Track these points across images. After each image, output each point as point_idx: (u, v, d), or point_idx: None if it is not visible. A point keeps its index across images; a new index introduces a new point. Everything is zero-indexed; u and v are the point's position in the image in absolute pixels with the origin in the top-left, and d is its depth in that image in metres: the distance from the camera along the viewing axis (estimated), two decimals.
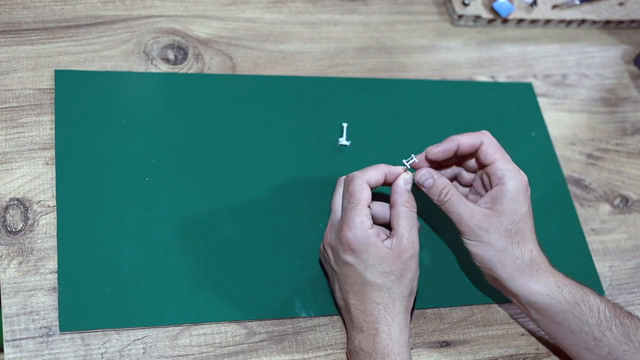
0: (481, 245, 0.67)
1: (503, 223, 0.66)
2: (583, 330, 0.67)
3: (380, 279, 0.65)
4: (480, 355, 0.74)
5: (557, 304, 0.66)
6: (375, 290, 0.66)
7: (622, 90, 0.98)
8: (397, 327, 0.65)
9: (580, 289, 0.67)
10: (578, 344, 0.68)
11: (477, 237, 0.67)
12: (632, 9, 1.02)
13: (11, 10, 0.80)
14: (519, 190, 0.67)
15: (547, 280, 0.67)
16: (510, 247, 0.66)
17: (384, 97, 0.86)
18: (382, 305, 0.65)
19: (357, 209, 0.66)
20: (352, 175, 0.68)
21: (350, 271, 0.66)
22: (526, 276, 0.67)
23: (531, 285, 0.67)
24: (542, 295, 0.67)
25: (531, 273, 0.67)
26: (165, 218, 0.72)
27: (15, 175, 0.70)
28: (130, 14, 0.83)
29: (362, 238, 0.65)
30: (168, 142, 0.76)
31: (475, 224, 0.66)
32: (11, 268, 0.66)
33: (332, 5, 0.92)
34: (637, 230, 0.86)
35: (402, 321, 0.66)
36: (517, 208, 0.66)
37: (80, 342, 0.65)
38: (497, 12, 0.95)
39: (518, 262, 0.67)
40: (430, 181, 0.68)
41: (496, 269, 0.67)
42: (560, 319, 0.67)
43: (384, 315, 0.65)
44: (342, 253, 0.66)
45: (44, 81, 0.76)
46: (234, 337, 0.69)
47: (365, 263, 0.65)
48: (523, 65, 0.95)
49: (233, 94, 0.81)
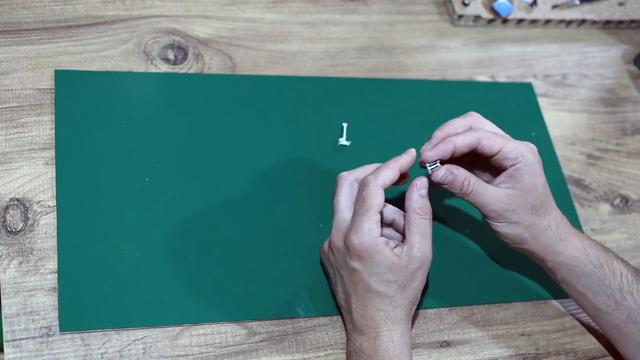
0: (510, 225, 0.68)
1: (528, 200, 0.67)
2: (605, 293, 0.69)
3: (383, 287, 0.65)
4: (480, 355, 0.74)
5: (583, 266, 0.68)
6: (377, 297, 0.65)
7: (622, 90, 0.98)
8: (398, 332, 0.66)
9: (605, 252, 0.69)
10: (599, 307, 0.70)
11: (506, 219, 0.67)
12: (632, 9, 1.02)
13: (11, 10, 0.80)
14: (534, 163, 0.67)
15: (574, 243, 0.69)
16: (538, 220, 0.68)
17: (384, 97, 0.86)
18: (383, 312, 0.65)
19: (367, 214, 0.65)
20: (366, 179, 0.66)
21: (355, 277, 0.66)
22: (554, 242, 0.69)
23: (560, 249, 0.69)
24: (570, 258, 0.69)
25: (559, 238, 0.69)
26: (165, 218, 0.72)
27: (15, 175, 0.70)
28: (130, 14, 0.83)
29: (369, 245, 0.64)
30: (168, 142, 0.76)
31: (502, 207, 0.67)
32: (11, 268, 0.66)
33: (332, 5, 0.92)
34: (637, 230, 0.86)
35: (403, 326, 0.66)
36: (537, 181, 0.67)
37: (80, 342, 0.65)
38: (497, 12, 0.95)
39: (547, 231, 0.68)
40: (450, 177, 0.67)
41: (527, 243, 0.69)
42: (584, 282, 0.69)
43: (385, 321, 0.65)
44: (349, 258, 0.66)
45: (44, 81, 0.76)
46: (234, 337, 0.69)
47: (371, 270, 0.65)
48: (523, 65, 0.95)
49: (233, 94, 0.81)
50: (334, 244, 0.68)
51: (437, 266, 0.77)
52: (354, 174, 0.70)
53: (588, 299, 0.70)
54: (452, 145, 0.67)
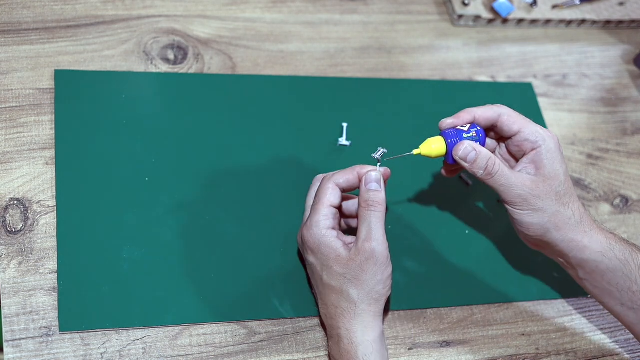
0: (534, 213, 0.65)
1: (552, 186, 0.65)
2: (631, 290, 0.66)
3: (334, 281, 0.64)
4: (480, 355, 0.74)
5: (609, 262, 0.66)
6: (333, 293, 0.65)
7: (622, 90, 0.98)
8: (358, 331, 0.64)
9: (629, 247, 0.67)
10: (624, 303, 0.67)
11: (531, 205, 0.65)
12: (632, 9, 1.02)
13: (11, 10, 0.80)
14: (556, 149, 0.66)
15: (599, 237, 0.66)
16: (562, 209, 0.65)
17: (384, 97, 0.86)
18: (339, 309, 0.64)
19: (316, 208, 0.65)
20: (322, 177, 0.67)
21: (313, 272, 0.66)
22: (579, 235, 0.66)
23: (585, 243, 0.66)
24: (595, 254, 0.66)
25: (583, 231, 0.66)
26: (165, 218, 0.72)
27: (15, 175, 0.70)
28: (130, 14, 0.83)
29: (317, 237, 0.64)
30: (168, 142, 0.76)
31: (527, 192, 0.64)
32: (11, 268, 0.66)
33: (332, 5, 0.92)
34: (637, 230, 0.86)
35: (364, 323, 0.64)
36: (559, 168, 0.65)
37: (80, 342, 0.65)
38: (497, 12, 0.95)
39: (570, 222, 0.66)
40: (474, 154, 0.65)
41: (550, 234, 0.66)
42: (609, 278, 0.66)
43: (342, 319, 0.64)
44: (306, 253, 0.67)
45: (44, 81, 0.76)
46: (234, 337, 0.69)
47: (322, 263, 0.65)
48: (523, 65, 0.95)
49: (233, 93, 0.81)
50: (298, 242, 0.68)
51: (437, 266, 0.77)
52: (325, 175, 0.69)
53: (613, 296, 0.67)
54: (472, 116, 0.66)
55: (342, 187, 0.66)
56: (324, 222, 0.65)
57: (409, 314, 0.74)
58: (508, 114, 0.66)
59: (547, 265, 0.80)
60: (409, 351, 0.72)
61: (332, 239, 0.64)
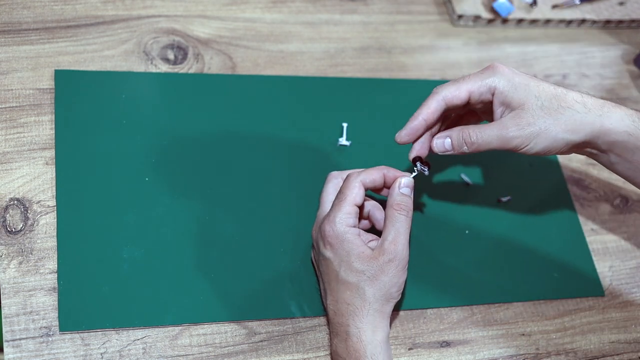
0: (539, 138, 0.64)
1: (533, 107, 0.64)
2: None
3: (352, 277, 0.65)
4: (480, 355, 0.74)
5: (636, 140, 0.65)
6: (347, 289, 0.65)
7: (622, 90, 0.98)
8: (368, 330, 0.64)
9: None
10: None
11: (531, 135, 0.64)
12: (632, 8, 1.02)
13: (11, 10, 0.80)
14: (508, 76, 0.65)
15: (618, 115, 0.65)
16: (560, 115, 0.64)
17: (384, 97, 0.86)
18: (352, 306, 0.65)
19: (341, 204, 0.66)
20: (349, 174, 0.68)
21: (328, 267, 0.66)
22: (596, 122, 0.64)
23: (607, 126, 0.64)
24: (620, 134, 0.64)
25: (597, 115, 0.65)
26: (165, 218, 0.72)
27: (15, 175, 0.70)
28: (130, 14, 0.83)
29: (340, 233, 0.65)
30: (168, 142, 0.76)
31: (516, 129, 0.64)
32: (11, 268, 0.66)
33: (332, 5, 0.92)
34: (637, 230, 0.86)
35: (374, 322, 0.65)
36: (523, 88, 0.65)
37: (80, 342, 0.65)
38: (497, 12, 0.95)
39: (577, 116, 0.64)
40: (448, 141, 0.67)
41: (571, 139, 0.65)
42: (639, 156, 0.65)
43: (353, 317, 0.64)
44: (322, 248, 0.66)
45: (44, 81, 0.76)
46: (234, 337, 0.69)
47: (340, 258, 0.65)
48: (523, 65, 0.95)
49: (233, 94, 0.81)
50: (313, 237, 0.69)
51: (438, 266, 0.77)
52: (343, 174, 0.71)
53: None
54: (420, 120, 0.67)
55: (367, 186, 0.67)
56: (348, 220, 0.66)
57: (409, 314, 0.74)
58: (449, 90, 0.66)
59: (547, 265, 0.80)
60: (409, 351, 0.72)
61: (355, 236, 0.65)
